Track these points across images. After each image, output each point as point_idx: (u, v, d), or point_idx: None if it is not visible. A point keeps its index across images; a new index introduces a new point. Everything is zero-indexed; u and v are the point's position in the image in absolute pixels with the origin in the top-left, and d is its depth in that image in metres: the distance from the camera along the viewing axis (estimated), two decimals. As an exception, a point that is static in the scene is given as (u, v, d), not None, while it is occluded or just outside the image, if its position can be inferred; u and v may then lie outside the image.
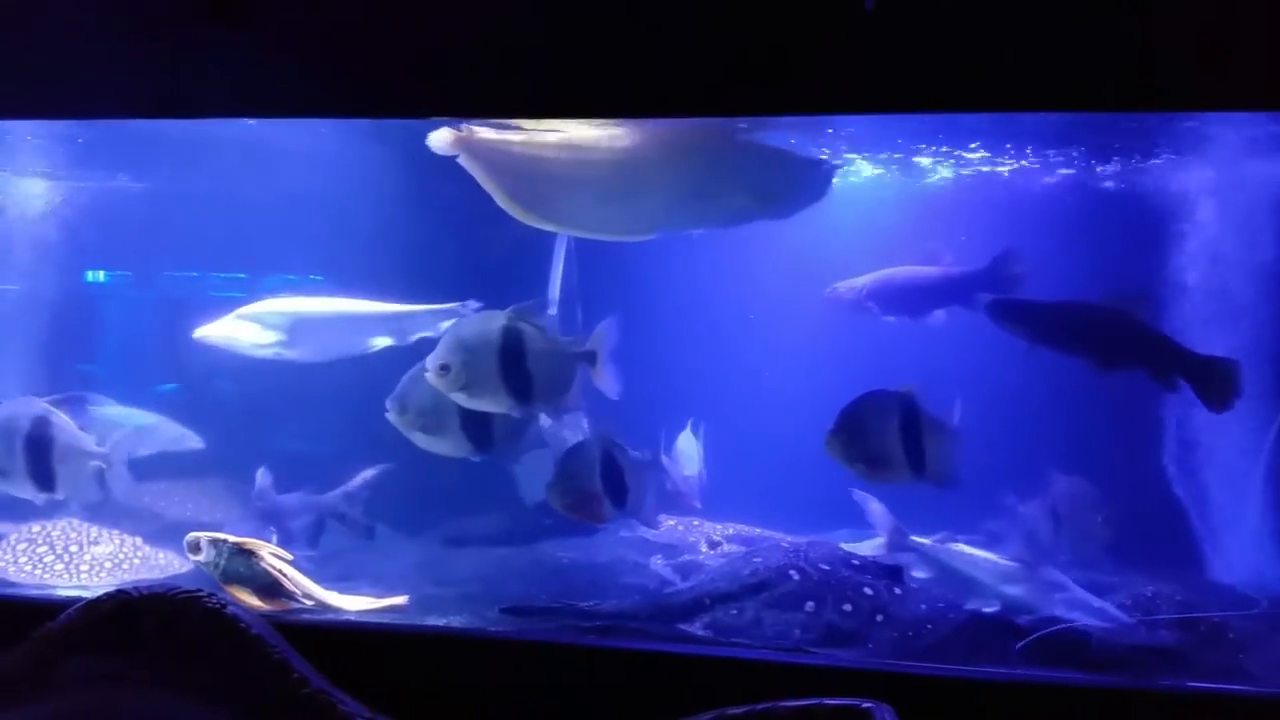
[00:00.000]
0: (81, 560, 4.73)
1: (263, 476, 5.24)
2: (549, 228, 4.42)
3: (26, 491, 4.70)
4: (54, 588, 4.58)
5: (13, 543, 4.79)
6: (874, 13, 3.27)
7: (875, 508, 4.37)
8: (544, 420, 4.80)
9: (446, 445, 4.56)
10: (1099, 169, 5.56)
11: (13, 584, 4.57)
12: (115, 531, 4.97)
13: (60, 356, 6.51)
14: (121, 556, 4.79)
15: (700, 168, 4.40)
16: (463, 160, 4.24)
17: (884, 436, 4.11)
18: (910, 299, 5.46)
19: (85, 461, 4.73)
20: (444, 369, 4.31)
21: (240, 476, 5.76)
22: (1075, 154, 5.28)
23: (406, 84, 3.79)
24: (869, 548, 4.30)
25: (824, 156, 4.92)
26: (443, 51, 3.72)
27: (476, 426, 4.52)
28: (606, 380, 4.46)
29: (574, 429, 5.50)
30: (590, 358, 4.44)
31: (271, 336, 5.31)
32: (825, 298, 5.65)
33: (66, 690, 3.35)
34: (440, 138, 4.18)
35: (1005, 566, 4.20)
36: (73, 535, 4.84)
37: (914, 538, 4.33)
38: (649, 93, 3.63)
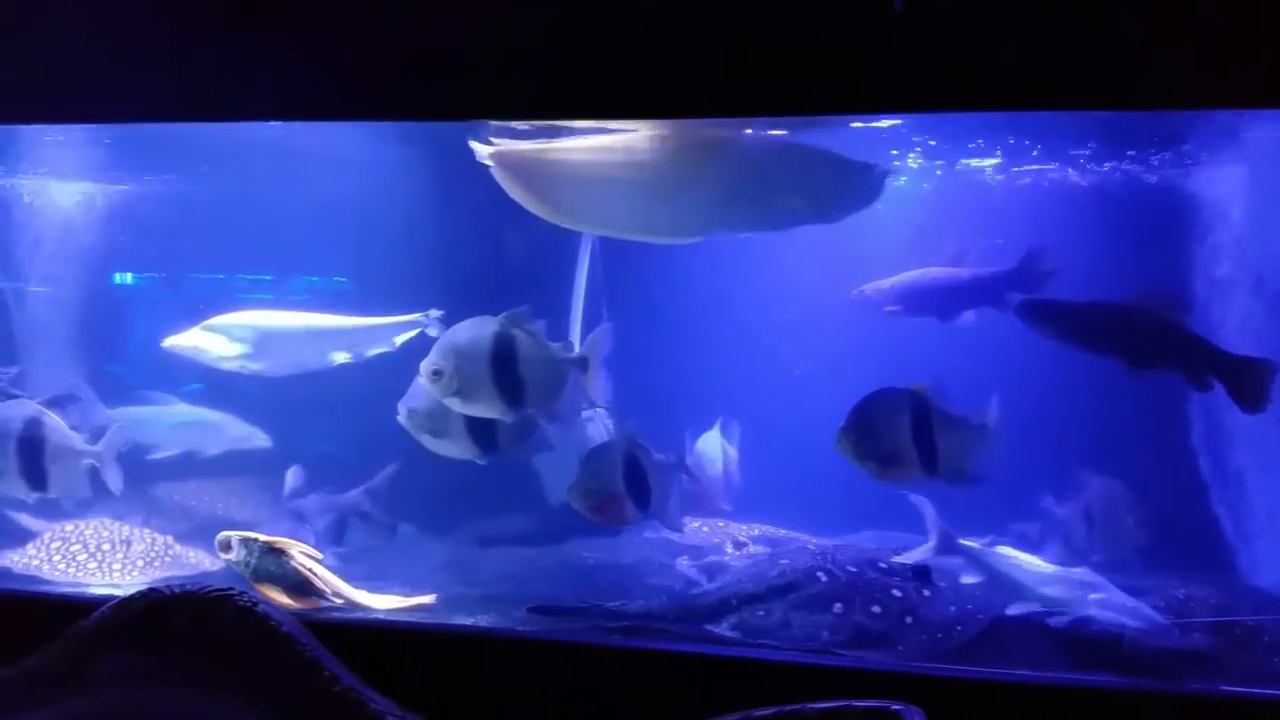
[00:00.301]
0: (114, 559, 4.77)
1: (294, 476, 5.27)
2: (588, 230, 4.38)
3: (20, 491, 4.77)
4: (86, 586, 4.62)
5: (46, 541, 4.84)
6: (902, 12, 3.27)
7: (929, 512, 4.34)
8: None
9: (453, 448, 4.59)
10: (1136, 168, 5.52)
11: (46, 581, 4.62)
12: (147, 530, 5.03)
13: (89, 356, 6.57)
14: (153, 554, 4.84)
15: (748, 169, 4.33)
16: (495, 173, 4.22)
17: (895, 434, 4.07)
18: (938, 300, 5.42)
19: (78, 460, 4.79)
20: (437, 374, 4.33)
21: (269, 475, 5.81)
22: (1125, 151, 5.24)
23: (424, 86, 3.78)
24: (919, 553, 4.26)
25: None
26: (458, 52, 3.72)
27: (481, 430, 4.55)
28: (598, 387, 4.47)
29: (597, 429, 5.56)
30: (582, 364, 4.44)
31: (236, 349, 5.37)
32: (853, 299, 5.63)
33: (99, 687, 3.37)
34: (479, 150, 4.18)
35: (1048, 569, 4.17)
36: (105, 534, 4.89)
37: (963, 541, 4.29)
38: (684, 93, 3.63)
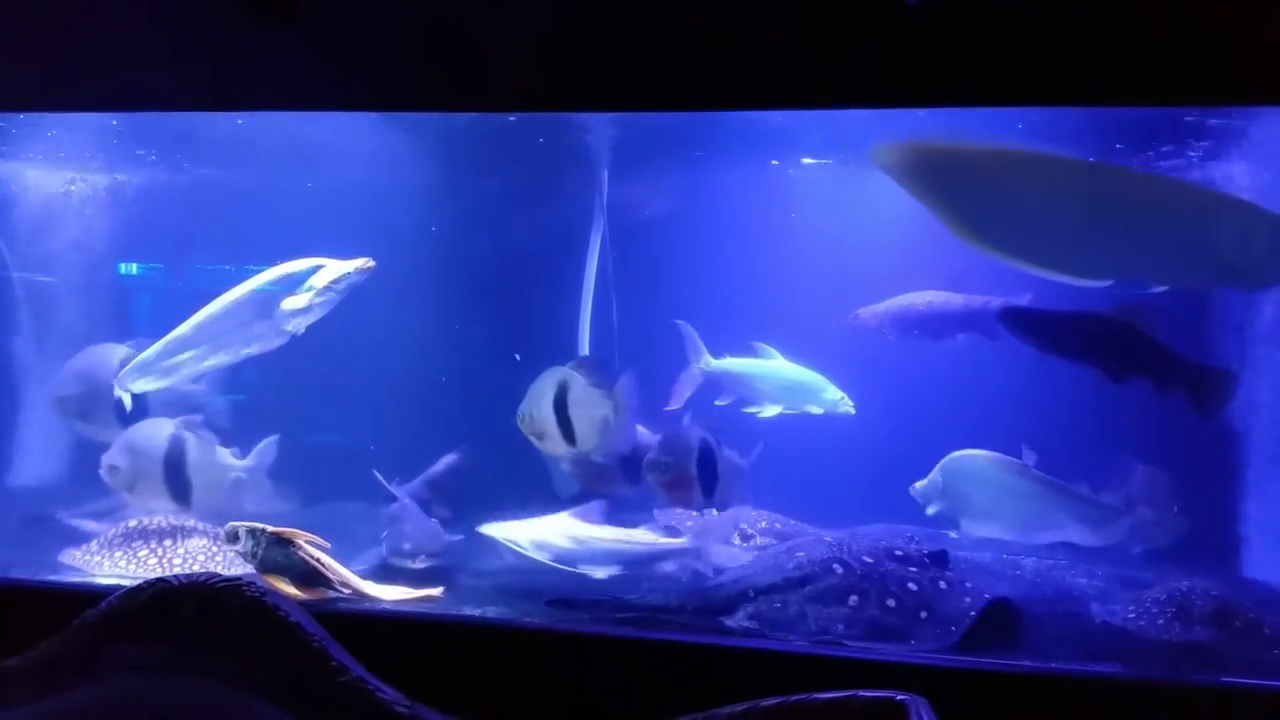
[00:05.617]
0: (174, 554, 4.74)
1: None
2: (999, 258, 4.06)
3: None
4: (94, 576, 4.59)
5: (109, 538, 4.80)
6: (916, 7, 3.27)
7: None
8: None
9: (102, 433, 5.02)
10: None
11: (56, 570, 4.60)
12: (206, 524, 4.96)
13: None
14: (214, 550, 4.79)
15: (1187, 219, 3.99)
16: (894, 171, 3.91)
17: (542, 409, 4.80)
18: (931, 327, 5.56)
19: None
20: (114, 470, 4.81)
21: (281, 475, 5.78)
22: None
23: (436, 78, 3.84)
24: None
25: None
26: (470, 44, 3.76)
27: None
28: (260, 495, 5.02)
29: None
30: (253, 475, 5.02)
31: None
32: (849, 323, 5.76)
33: (107, 677, 3.38)
34: (884, 152, 3.89)
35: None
36: (166, 530, 4.87)
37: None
38: (687, 87, 3.64)
